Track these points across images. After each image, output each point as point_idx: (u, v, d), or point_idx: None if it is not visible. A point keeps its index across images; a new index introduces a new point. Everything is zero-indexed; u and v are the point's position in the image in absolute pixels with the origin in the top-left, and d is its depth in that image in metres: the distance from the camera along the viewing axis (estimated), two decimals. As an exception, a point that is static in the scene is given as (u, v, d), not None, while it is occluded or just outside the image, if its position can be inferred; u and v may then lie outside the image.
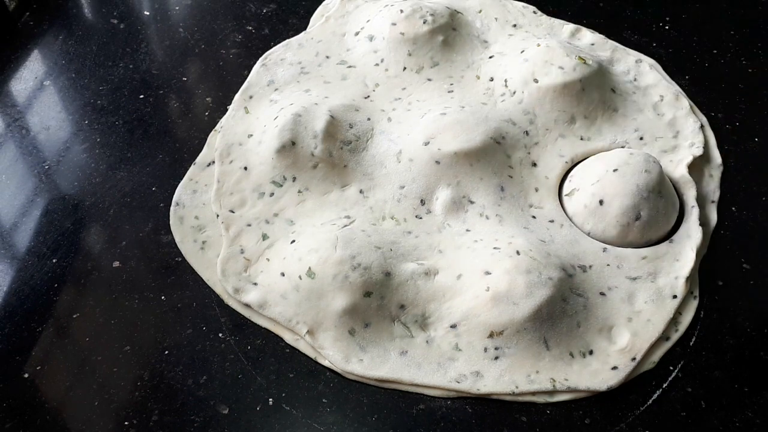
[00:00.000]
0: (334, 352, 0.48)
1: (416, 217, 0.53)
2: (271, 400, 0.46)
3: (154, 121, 0.60)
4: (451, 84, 0.61)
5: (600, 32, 0.66)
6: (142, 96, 0.61)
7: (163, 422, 0.45)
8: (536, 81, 0.58)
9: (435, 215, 0.53)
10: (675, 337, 0.49)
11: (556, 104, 0.58)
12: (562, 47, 0.59)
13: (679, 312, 0.50)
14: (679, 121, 0.59)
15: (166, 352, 0.48)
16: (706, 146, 0.58)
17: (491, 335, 0.47)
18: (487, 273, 0.48)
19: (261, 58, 0.63)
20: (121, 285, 0.51)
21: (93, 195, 0.55)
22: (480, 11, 0.66)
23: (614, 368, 0.47)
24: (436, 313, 0.49)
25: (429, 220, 0.53)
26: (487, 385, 0.47)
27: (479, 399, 0.47)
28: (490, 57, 0.63)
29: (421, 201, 0.54)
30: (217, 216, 0.53)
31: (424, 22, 0.62)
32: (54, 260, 0.52)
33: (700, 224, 0.54)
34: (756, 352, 0.49)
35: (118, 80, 0.63)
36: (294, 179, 0.54)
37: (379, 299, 0.48)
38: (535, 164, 0.56)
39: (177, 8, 0.69)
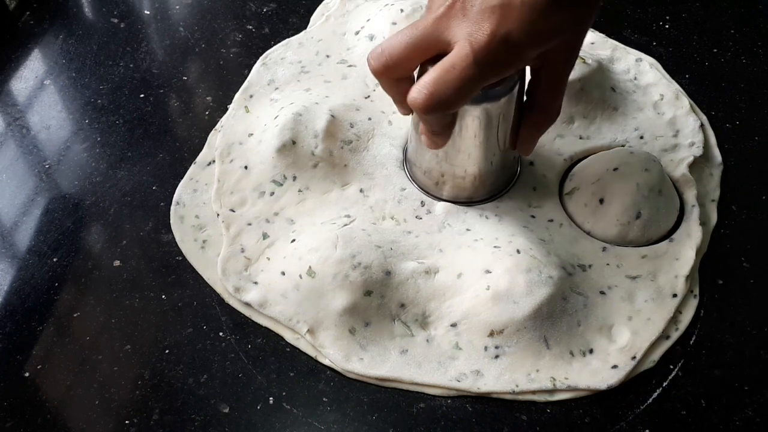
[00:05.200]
0: (334, 351, 0.48)
1: (416, 217, 0.53)
2: (271, 398, 0.46)
3: (155, 121, 0.60)
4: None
5: (600, 31, 0.66)
6: (142, 95, 0.62)
7: (164, 421, 0.45)
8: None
9: (435, 215, 0.53)
10: (675, 335, 0.49)
11: (555, 104, 0.58)
12: (562, 46, 0.59)
13: (679, 311, 0.50)
14: (679, 120, 0.59)
15: (167, 351, 0.48)
16: (706, 145, 0.58)
17: (491, 334, 0.48)
18: (488, 272, 0.48)
19: (261, 57, 0.63)
20: (122, 284, 0.51)
21: (93, 194, 0.55)
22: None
23: (614, 367, 0.47)
24: (437, 311, 0.49)
25: (429, 220, 0.53)
26: (488, 383, 0.47)
27: (479, 398, 0.47)
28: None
29: (421, 202, 0.54)
30: (218, 215, 0.53)
31: (424, 21, 0.62)
32: (54, 259, 0.52)
33: (701, 223, 0.54)
34: (756, 351, 0.49)
35: (118, 79, 0.63)
36: (294, 178, 0.54)
37: (380, 298, 0.48)
38: (532, 163, 0.56)
39: (177, 7, 0.69)
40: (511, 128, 0.49)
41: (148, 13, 0.68)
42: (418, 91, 0.41)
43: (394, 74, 0.45)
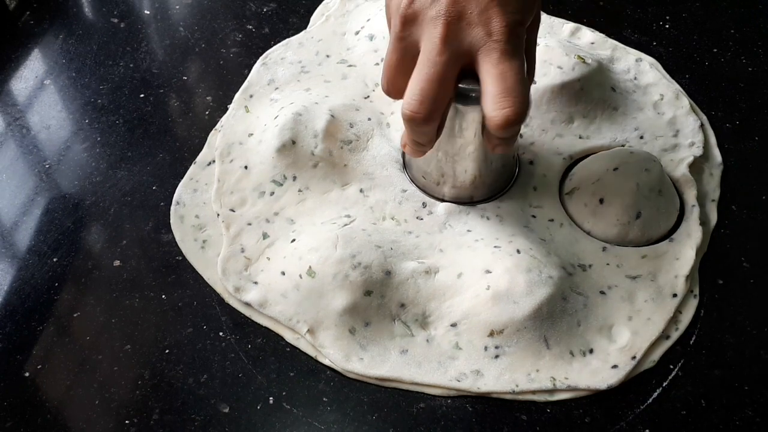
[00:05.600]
0: (334, 351, 0.48)
1: (417, 218, 0.53)
2: (271, 398, 0.46)
3: (155, 120, 0.60)
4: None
5: (600, 31, 0.66)
6: (142, 95, 0.62)
7: (164, 421, 0.45)
8: (534, 82, 0.58)
9: (437, 216, 0.53)
10: (675, 335, 0.49)
11: (554, 105, 0.58)
12: (561, 46, 0.59)
13: (679, 311, 0.50)
14: (679, 120, 0.59)
15: (167, 351, 0.48)
16: (706, 145, 0.58)
17: (491, 334, 0.48)
18: (488, 271, 0.48)
19: (261, 57, 0.63)
20: (122, 284, 0.51)
21: (93, 194, 0.55)
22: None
23: (614, 367, 0.47)
24: (437, 311, 0.49)
25: (430, 220, 0.53)
26: (488, 383, 0.47)
27: (479, 398, 0.47)
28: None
29: (423, 203, 0.54)
30: (218, 215, 0.53)
31: (424, 21, 0.62)
32: (55, 259, 0.52)
33: (701, 223, 0.54)
34: (756, 351, 0.49)
35: (118, 79, 0.63)
36: (294, 178, 0.54)
37: (380, 298, 0.48)
38: (532, 162, 0.56)
39: (177, 7, 0.69)
40: None
41: (148, 13, 0.68)
42: (500, 110, 0.40)
43: (440, 112, 0.43)
